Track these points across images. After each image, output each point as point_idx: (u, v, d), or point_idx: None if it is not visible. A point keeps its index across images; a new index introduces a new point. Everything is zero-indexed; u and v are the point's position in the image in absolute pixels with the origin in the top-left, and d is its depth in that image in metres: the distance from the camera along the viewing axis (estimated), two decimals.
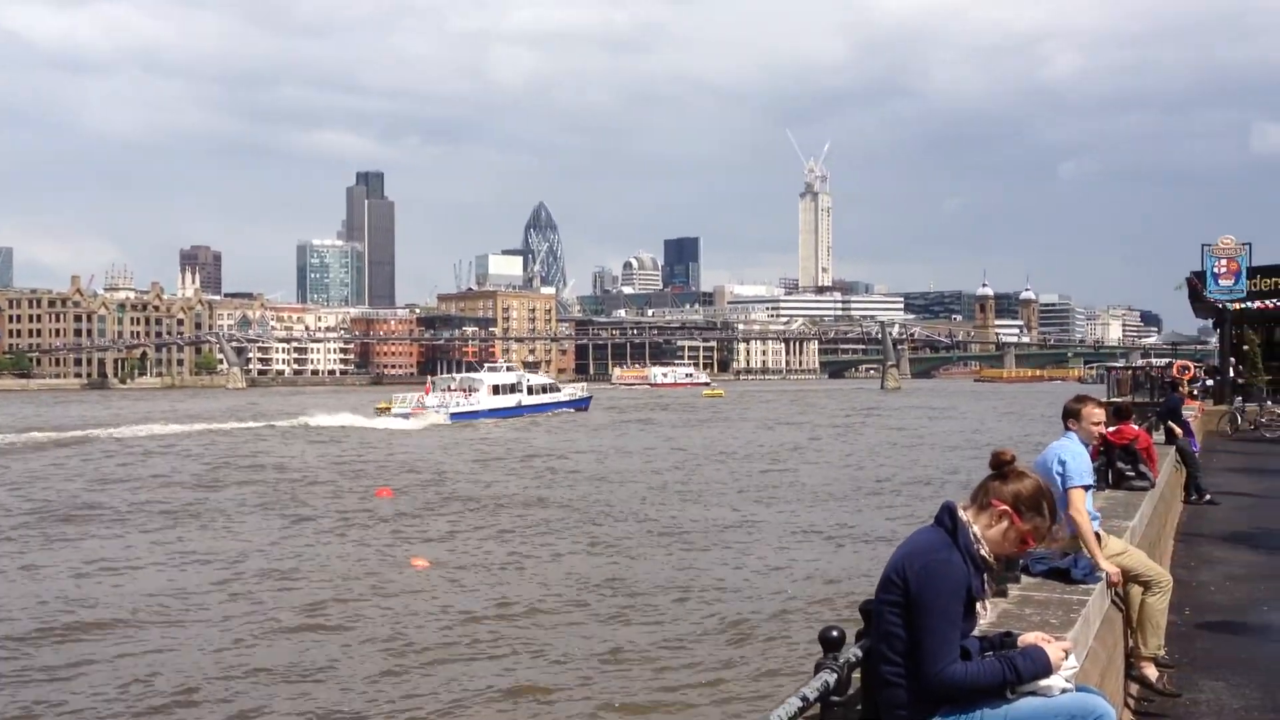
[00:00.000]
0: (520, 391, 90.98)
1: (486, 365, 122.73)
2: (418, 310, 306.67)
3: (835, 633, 3.95)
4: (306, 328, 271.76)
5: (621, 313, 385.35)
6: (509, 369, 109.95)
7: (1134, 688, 7.60)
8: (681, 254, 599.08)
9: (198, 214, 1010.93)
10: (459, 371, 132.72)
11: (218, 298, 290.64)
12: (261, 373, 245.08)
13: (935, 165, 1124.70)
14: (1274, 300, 44.26)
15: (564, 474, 42.39)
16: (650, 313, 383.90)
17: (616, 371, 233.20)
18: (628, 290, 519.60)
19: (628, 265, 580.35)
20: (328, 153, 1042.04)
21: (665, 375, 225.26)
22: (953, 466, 43.07)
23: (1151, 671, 7.44)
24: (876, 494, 35.28)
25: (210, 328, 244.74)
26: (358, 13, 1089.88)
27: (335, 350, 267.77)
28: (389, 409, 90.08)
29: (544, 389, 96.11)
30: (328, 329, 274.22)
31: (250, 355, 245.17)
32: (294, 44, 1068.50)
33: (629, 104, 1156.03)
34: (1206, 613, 10.10)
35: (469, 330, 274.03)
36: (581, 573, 22.11)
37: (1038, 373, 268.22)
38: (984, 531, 4.17)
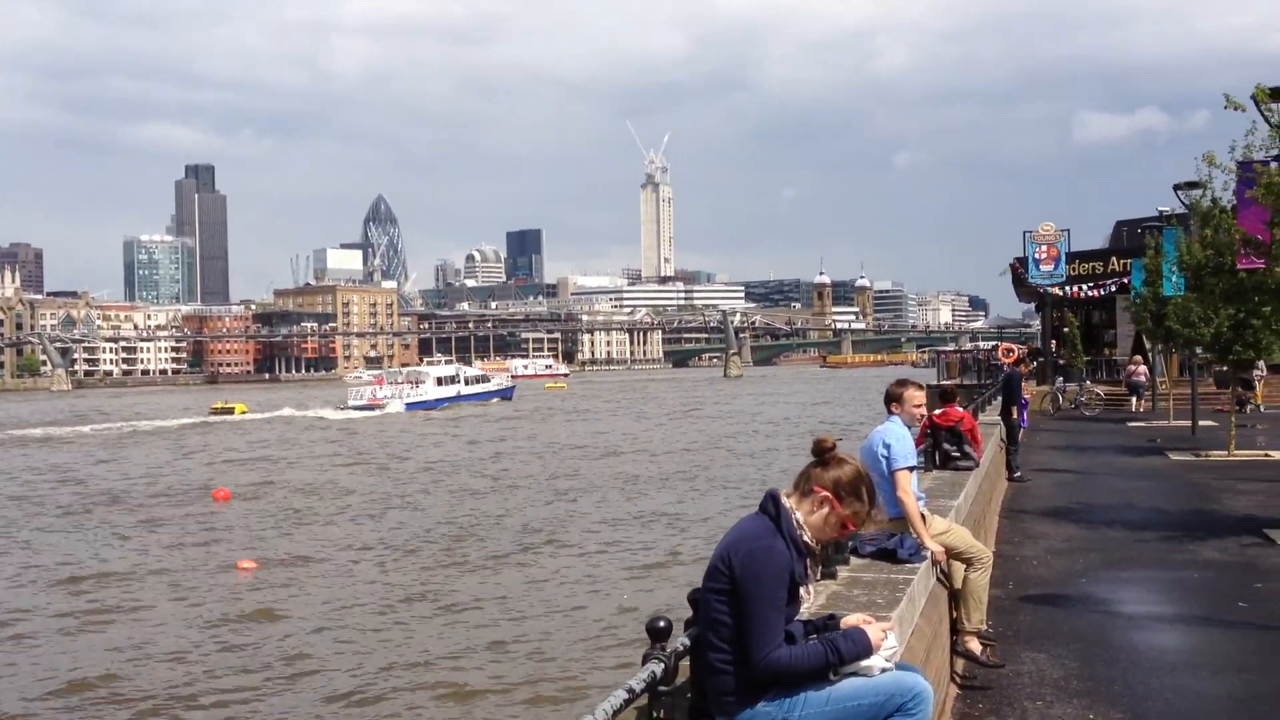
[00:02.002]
0: (459, 383, 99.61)
1: (426, 360, 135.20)
2: (254, 306, 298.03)
3: (662, 623, 3.95)
4: (135, 326, 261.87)
5: (465, 306, 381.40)
6: (447, 362, 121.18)
7: (960, 662, 7.85)
8: (524, 246, 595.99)
9: (17, 210, 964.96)
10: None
11: (40, 297, 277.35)
12: (88, 374, 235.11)
13: (773, 156, 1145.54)
14: (1091, 284, 46.34)
15: (424, 467, 41.90)
16: (494, 305, 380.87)
17: (478, 364, 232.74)
18: (471, 283, 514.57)
19: (470, 258, 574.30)
20: (156, 146, 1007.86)
21: (526, 367, 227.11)
22: (793, 448, 43.96)
23: (975, 645, 7.69)
24: (711, 481, 35.77)
25: (32, 328, 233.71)
26: (190, 3, 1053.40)
27: (167, 349, 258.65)
28: (224, 409, 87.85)
29: (477, 380, 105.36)
30: (158, 327, 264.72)
31: (76, 356, 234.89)
32: (122, 34, 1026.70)
33: (470, 96, 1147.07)
34: (1029, 586, 10.51)
35: (308, 326, 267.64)
36: (416, 572, 21.84)
37: (879, 358, 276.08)
38: (806, 517, 4.23)
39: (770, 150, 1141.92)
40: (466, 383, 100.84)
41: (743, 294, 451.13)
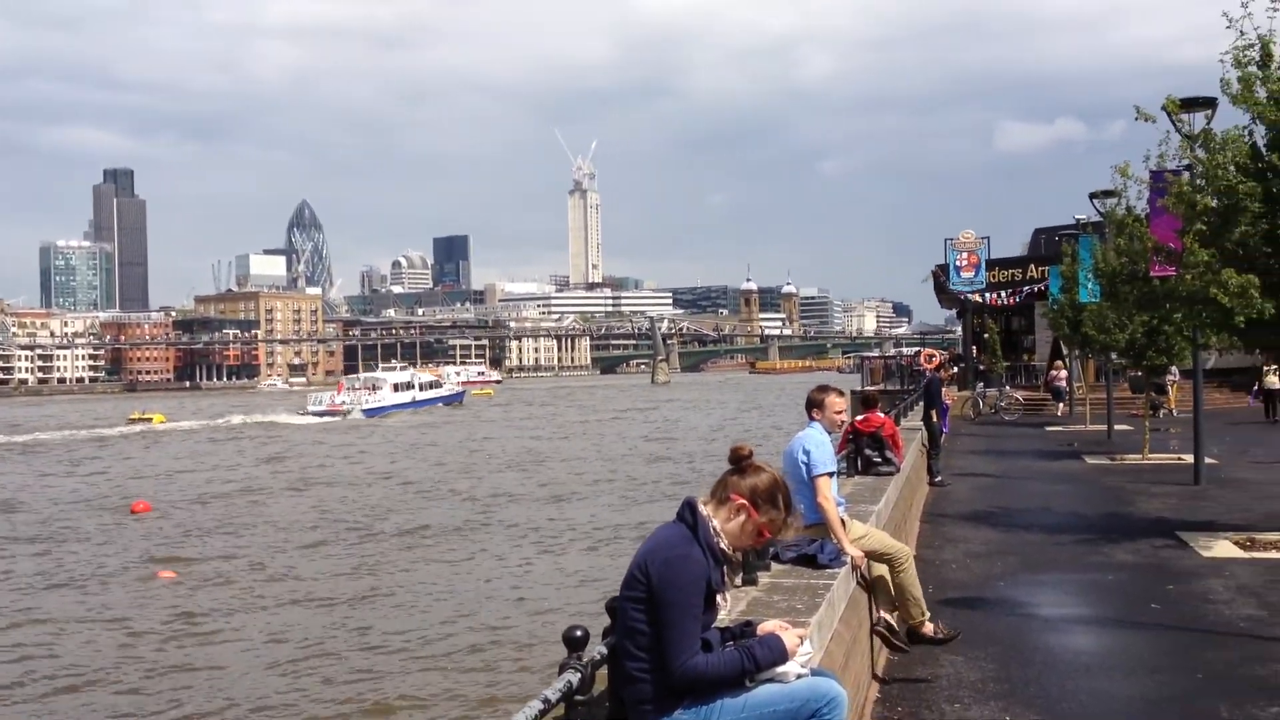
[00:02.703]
0: (414, 389, 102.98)
1: (381, 367, 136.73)
2: (174, 313, 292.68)
3: (579, 632, 3.94)
4: (52, 334, 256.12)
5: (391, 312, 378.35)
6: (401, 369, 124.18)
7: (881, 662, 7.94)
8: (452, 252, 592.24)
9: None
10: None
11: None
12: (3, 382, 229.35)
13: (701, 163, 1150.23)
14: (1009, 290, 47.14)
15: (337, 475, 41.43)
16: (421, 312, 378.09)
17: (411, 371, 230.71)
18: (397, 289, 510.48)
19: (397, 264, 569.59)
20: (74, 149, 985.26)
21: (459, 374, 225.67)
22: (714, 454, 44.10)
23: (929, 628, 7.78)
24: (633, 489, 35.79)
25: None
26: (110, 4, 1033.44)
27: (84, 357, 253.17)
28: (144, 419, 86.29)
29: (430, 385, 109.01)
30: (75, 335, 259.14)
31: None
32: (40, 36, 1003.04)
33: (396, 101, 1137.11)
34: (948, 589, 10.64)
35: (230, 333, 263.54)
36: (336, 582, 21.61)
37: (806, 363, 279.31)
38: (723, 525, 4.24)
39: (698, 157, 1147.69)
40: (421, 389, 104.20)
41: (670, 300, 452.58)
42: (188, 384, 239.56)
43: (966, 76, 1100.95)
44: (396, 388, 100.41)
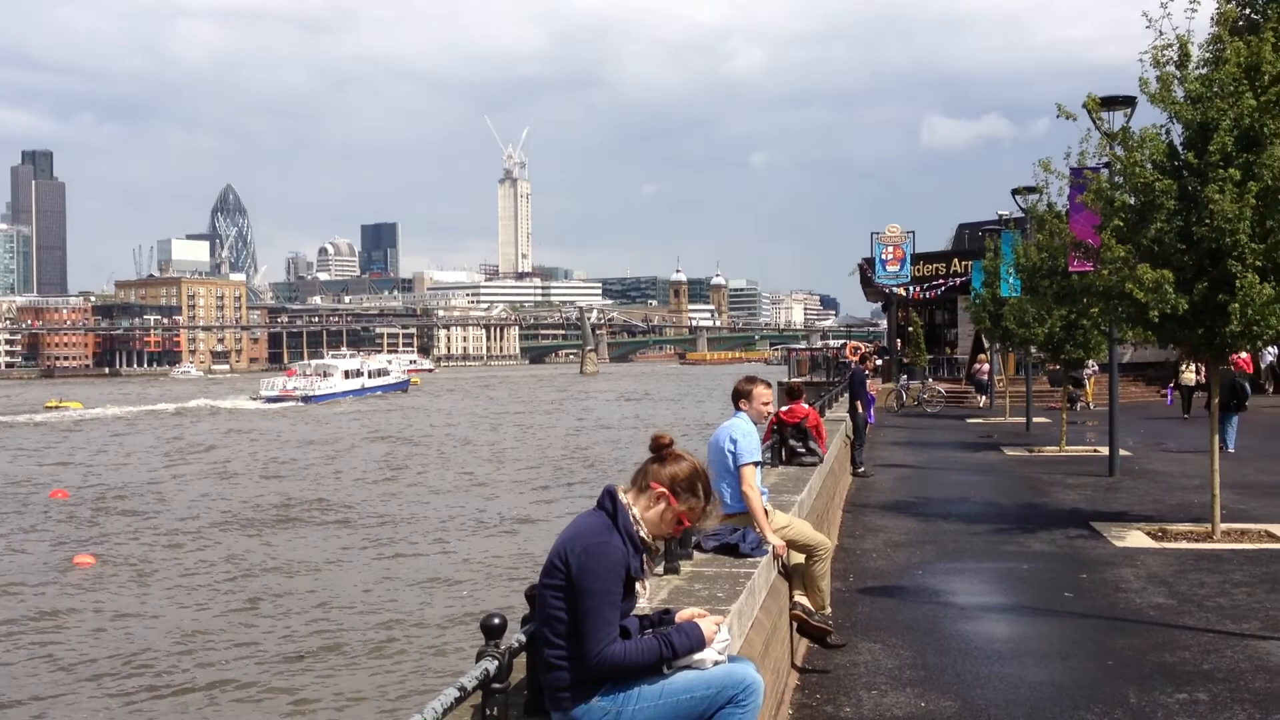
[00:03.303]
0: (364, 375, 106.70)
1: (331, 354, 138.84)
2: (94, 298, 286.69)
3: (497, 620, 3.93)
4: None
5: (317, 299, 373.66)
6: (351, 356, 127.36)
7: (801, 651, 8.02)
8: (380, 240, 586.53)
9: None
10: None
11: None
12: None
13: (632, 154, 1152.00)
14: (933, 284, 47.74)
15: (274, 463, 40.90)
16: (348, 299, 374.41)
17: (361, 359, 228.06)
18: (324, 276, 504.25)
19: (323, 251, 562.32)
20: None
21: (391, 362, 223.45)
22: (638, 441, 44.07)
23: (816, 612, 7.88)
24: (555, 478, 35.78)
25: None
26: None
27: None
28: (59, 406, 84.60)
29: (378, 373, 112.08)
30: None
31: None
32: None
33: (324, 86, 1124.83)
34: (868, 578, 10.79)
35: (151, 319, 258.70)
36: (255, 572, 21.38)
37: (734, 355, 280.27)
38: (643, 513, 4.26)
39: (629, 147, 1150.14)
40: (369, 375, 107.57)
41: (600, 291, 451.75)
42: (107, 370, 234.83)
43: (893, 73, 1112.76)
44: (347, 375, 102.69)
